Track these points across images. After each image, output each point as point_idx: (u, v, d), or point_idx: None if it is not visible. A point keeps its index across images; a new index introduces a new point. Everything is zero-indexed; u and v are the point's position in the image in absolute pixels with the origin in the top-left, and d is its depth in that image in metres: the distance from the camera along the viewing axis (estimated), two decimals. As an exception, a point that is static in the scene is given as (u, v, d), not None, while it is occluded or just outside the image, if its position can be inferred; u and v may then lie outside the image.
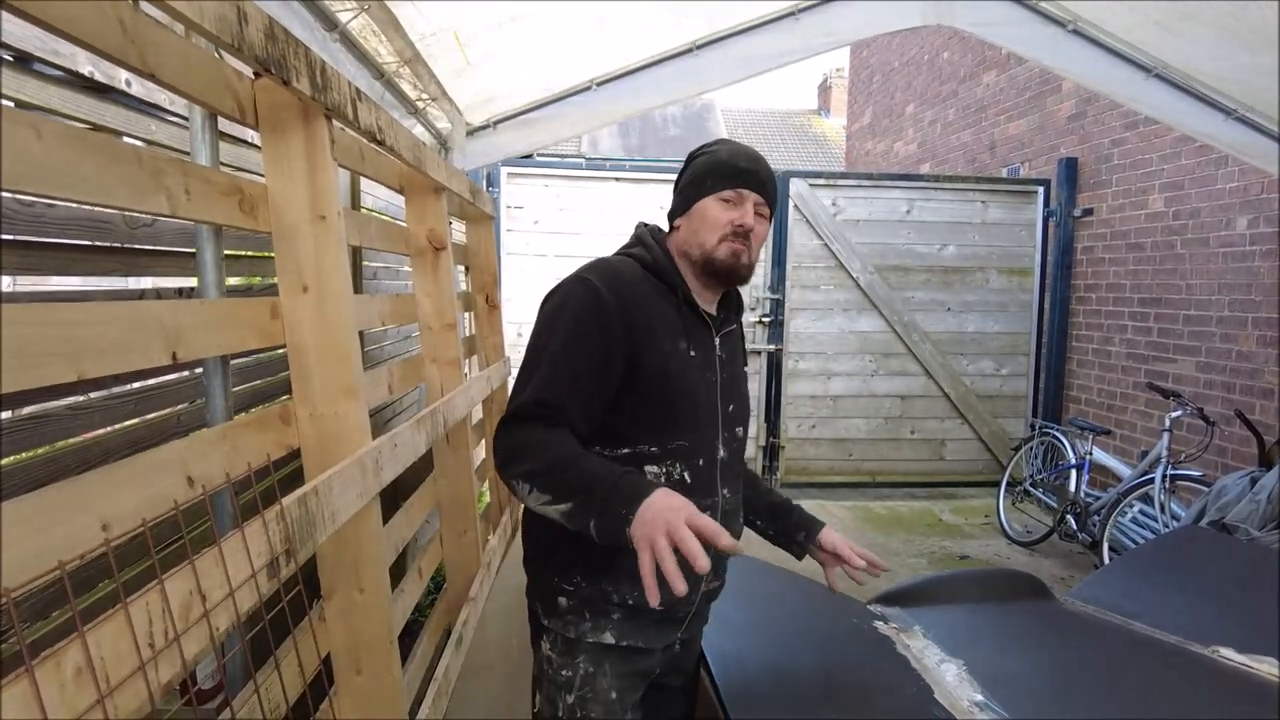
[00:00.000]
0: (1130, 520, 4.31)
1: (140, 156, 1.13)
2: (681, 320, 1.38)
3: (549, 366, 1.28)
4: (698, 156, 1.45)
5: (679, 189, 1.46)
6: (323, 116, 1.55)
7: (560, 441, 1.24)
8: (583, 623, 1.36)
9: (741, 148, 1.43)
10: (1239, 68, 3.16)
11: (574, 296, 1.31)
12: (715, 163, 1.40)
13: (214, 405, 1.48)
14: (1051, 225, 6.00)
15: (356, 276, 2.70)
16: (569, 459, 1.21)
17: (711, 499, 1.40)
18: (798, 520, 1.64)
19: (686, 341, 1.37)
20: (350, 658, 1.66)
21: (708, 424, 1.40)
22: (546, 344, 1.29)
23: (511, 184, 5.58)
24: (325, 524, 1.33)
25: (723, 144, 1.45)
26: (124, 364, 1.05)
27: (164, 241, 1.72)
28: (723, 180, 1.39)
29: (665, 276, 1.39)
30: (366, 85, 2.53)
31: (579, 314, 1.29)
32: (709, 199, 1.39)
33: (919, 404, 6.13)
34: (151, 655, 0.80)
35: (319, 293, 1.56)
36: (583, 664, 1.36)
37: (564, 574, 1.36)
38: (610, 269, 1.36)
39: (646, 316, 1.32)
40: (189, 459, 1.21)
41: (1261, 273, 4.30)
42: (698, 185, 1.41)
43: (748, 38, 3.44)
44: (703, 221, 1.39)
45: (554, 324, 1.30)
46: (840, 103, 17.00)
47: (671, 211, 1.48)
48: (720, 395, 1.43)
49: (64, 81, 1.41)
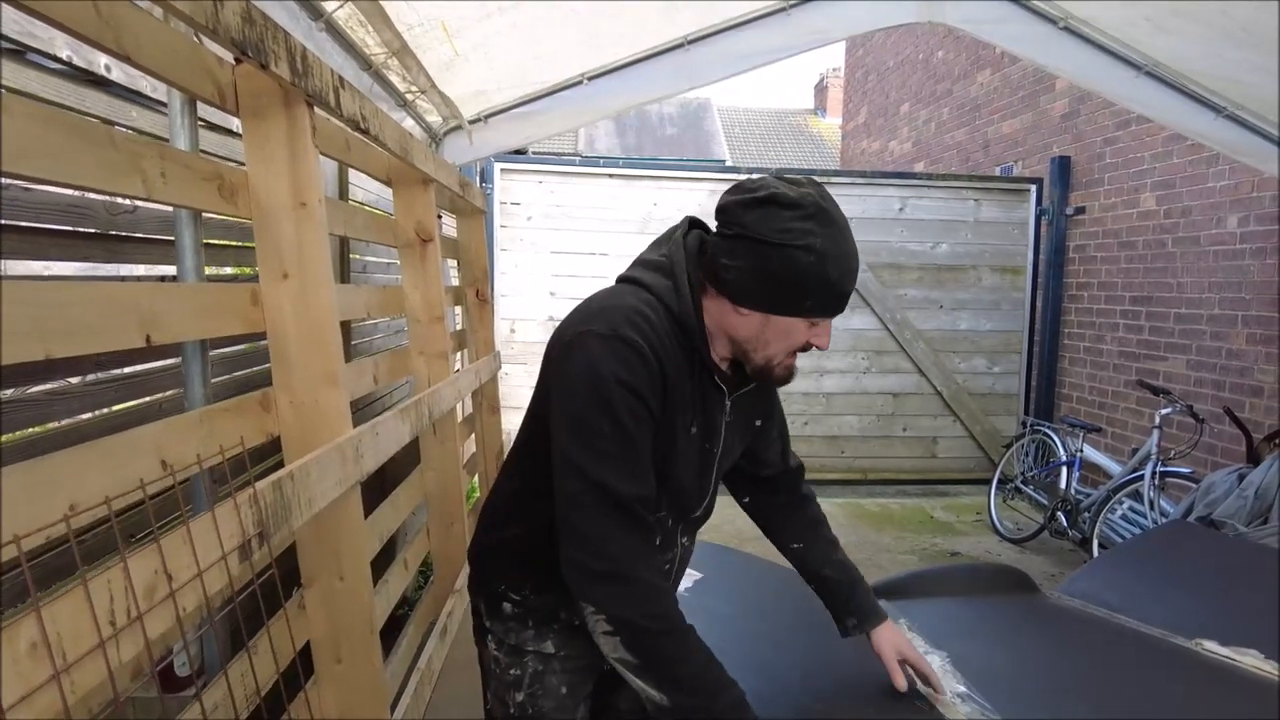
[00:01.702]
0: (1120, 517, 4.32)
1: (114, 138, 1.13)
2: (694, 388, 1.23)
3: (634, 453, 1.14)
4: (797, 249, 1.12)
5: (761, 278, 1.15)
6: (304, 103, 1.55)
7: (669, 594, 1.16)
8: (524, 630, 1.32)
9: (850, 257, 1.17)
10: (1229, 65, 3.17)
11: (627, 364, 1.12)
12: (826, 283, 1.14)
13: (192, 391, 1.48)
14: (1044, 224, 6.01)
15: (344, 268, 2.69)
16: (682, 644, 1.12)
17: (671, 552, 1.35)
18: (855, 605, 1.50)
19: (693, 413, 1.24)
20: (330, 646, 1.65)
21: (692, 494, 1.31)
22: (620, 420, 1.12)
23: (506, 180, 5.58)
24: (302, 509, 1.33)
25: (828, 244, 1.13)
26: (95, 345, 1.04)
27: (146, 229, 1.72)
28: (827, 308, 1.18)
29: (690, 337, 1.21)
30: (354, 76, 2.52)
31: (639, 389, 1.13)
32: (800, 321, 1.18)
33: (911, 402, 6.14)
34: (112, 633, 0.80)
35: (300, 280, 1.56)
36: (530, 663, 1.32)
37: (513, 585, 1.31)
38: (647, 325, 1.16)
39: (673, 386, 1.18)
40: (164, 442, 1.21)
41: (1252, 271, 4.31)
42: (792, 298, 1.16)
43: (739, 33, 3.44)
44: (780, 338, 1.20)
45: (616, 395, 1.12)
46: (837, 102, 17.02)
47: (738, 291, 1.18)
48: (716, 465, 1.33)
49: (41, 67, 1.40)
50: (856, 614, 1.51)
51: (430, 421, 2.28)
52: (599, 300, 1.23)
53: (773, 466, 1.53)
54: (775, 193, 1.14)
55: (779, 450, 1.53)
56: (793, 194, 1.14)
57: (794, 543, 1.55)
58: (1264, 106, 3.46)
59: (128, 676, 1.03)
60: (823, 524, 1.58)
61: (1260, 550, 2.60)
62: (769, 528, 1.58)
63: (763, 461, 1.52)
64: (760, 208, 1.14)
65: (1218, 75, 3.36)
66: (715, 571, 2.07)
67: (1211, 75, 3.39)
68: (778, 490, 1.56)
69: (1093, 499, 4.46)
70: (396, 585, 2.21)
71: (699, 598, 1.87)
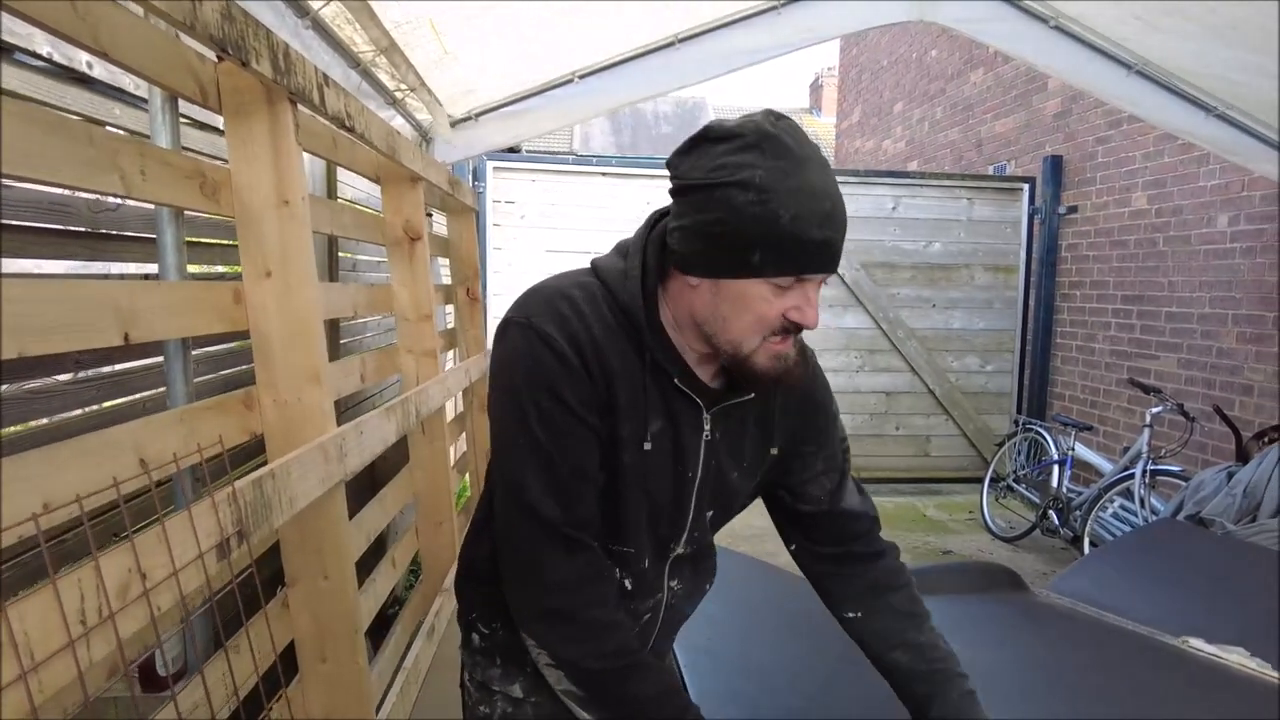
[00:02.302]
0: (1111, 515, 4.33)
1: (91, 134, 1.12)
2: (649, 393, 1.00)
3: (558, 471, 0.96)
4: (731, 186, 0.88)
5: (699, 233, 0.92)
6: (287, 100, 1.54)
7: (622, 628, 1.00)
8: (491, 668, 1.15)
9: (811, 194, 0.89)
10: (1219, 63, 3.18)
11: (537, 359, 0.94)
12: (774, 228, 0.88)
13: (174, 389, 1.47)
14: (1037, 223, 6.02)
15: (332, 266, 2.68)
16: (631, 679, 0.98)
17: (653, 599, 1.13)
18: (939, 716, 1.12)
19: (648, 425, 1.00)
20: (315, 645, 1.65)
21: (667, 525, 1.08)
22: (533, 431, 0.95)
23: (498, 178, 5.57)
24: (283, 508, 1.32)
25: (773, 177, 0.88)
26: (71, 342, 1.04)
27: (130, 227, 1.71)
28: (784, 261, 0.90)
29: (637, 329, 0.99)
30: (342, 75, 2.51)
31: (556, 389, 0.94)
32: (753, 283, 0.92)
33: (904, 400, 6.14)
34: (83, 632, 0.79)
35: (284, 278, 1.55)
36: (499, 704, 1.15)
37: (483, 616, 1.15)
38: (571, 310, 0.97)
39: (611, 387, 0.97)
40: (143, 441, 1.20)
41: (1242, 270, 4.32)
42: (734, 252, 0.90)
43: (729, 32, 3.43)
44: (738, 311, 0.93)
45: (529, 399, 0.95)
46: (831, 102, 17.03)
47: (683, 257, 0.96)
48: (696, 491, 1.07)
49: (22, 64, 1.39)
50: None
51: (418, 420, 2.28)
52: (539, 282, 1.04)
53: (813, 504, 1.18)
54: (708, 126, 0.93)
55: (826, 487, 1.17)
56: (729, 124, 0.92)
57: (848, 612, 1.19)
58: (1253, 105, 3.47)
59: (103, 676, 1.02)
60: (901, 589, 1.18)
61: (1248, 548, 2.61)
62: (820, 589, 1.23)
63: (801, 495, 1.18)
64: (693, 149, 0.93)
65: (1207, 74, 3.36)
66: (703, 570, 2.07)
67: (1201, 74, 3.40)
68: (820, 534, 1.20)
69: (1084, 497, 4.47)
70: (384, 584, 2.20)
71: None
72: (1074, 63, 3.55)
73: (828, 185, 0.91)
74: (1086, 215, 5.61)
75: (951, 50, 7.68)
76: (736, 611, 2.01)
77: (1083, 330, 5.65)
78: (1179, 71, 3.48)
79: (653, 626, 1.16)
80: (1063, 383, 5.88)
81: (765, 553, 3.30)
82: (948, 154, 7.75)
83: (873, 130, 10.05)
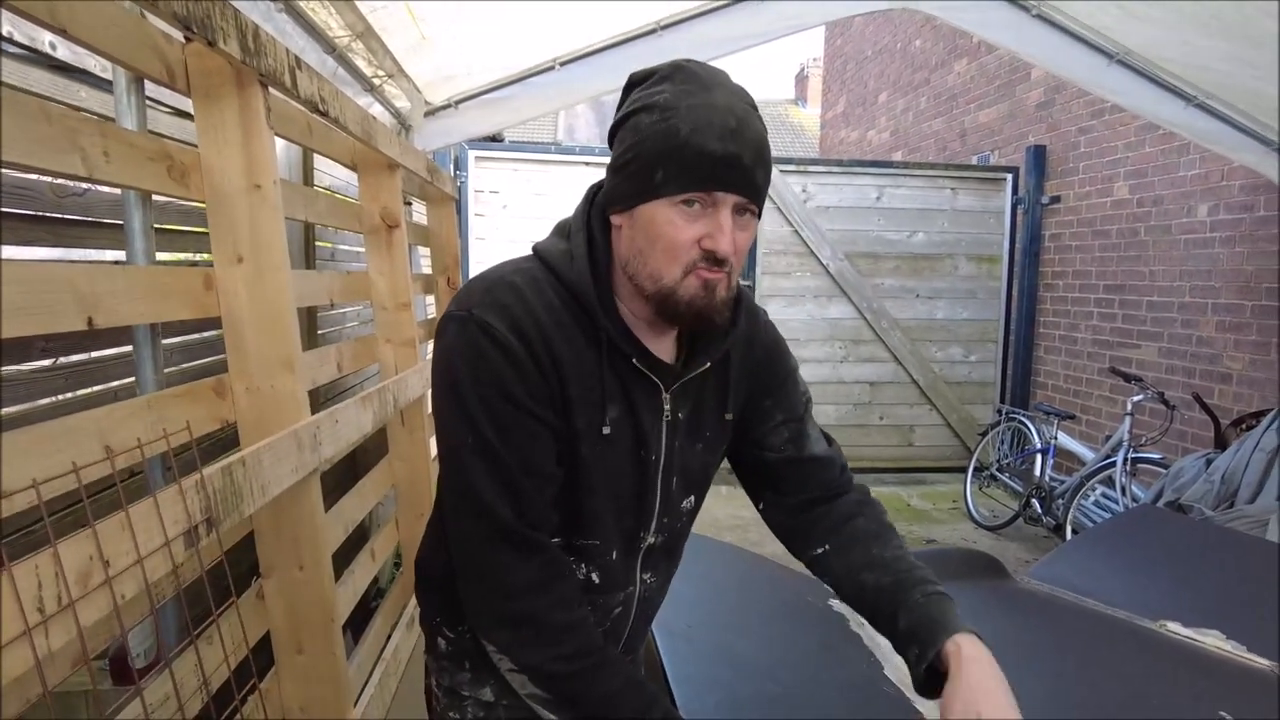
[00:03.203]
0: (1093, 503, 4.36)
1: (48, 112, 1.09)
2: (604, 377, 0.96)
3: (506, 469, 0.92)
4: (639, 112, 0.90)
5: (616, 165, 0.93)
6: (257, 83, 1.51)
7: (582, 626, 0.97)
8: (460, 672, 1.11)
9: (716, 109, 0.87)
10: (1198, 52, 3.19)
11: (479, 353, 0.90)
12: (675, 142, 0.86)
13: (143, 377, 1.44)
14: (1020, 212, 6.04)
15: (309, 254, 2.65)
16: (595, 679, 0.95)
17: (624, 591, 1.09)
18: (907, 625, 1.01)
19: (608, 411, 0.97)
20: (291, 636, 1.63)
21: (631, 514, 1.04)
22: (480, 429, 0.91)
23: (480, 168, 5.53)
24: (254, 497, 1.30)
25: (678, 96, 0.88)
26: (27, 327, 1.01)
27: (96, 212, 1.68)
28: (685, 176, 0.87)
29: (589, 312, 0.95)
30: (317, 60, 2.48)
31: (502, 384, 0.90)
32: (661, 204, 0.89)
33: (888, 390, 6.16)
34: (40, 620, 0.77)
35: (255, 264, 1.52)
36: (470, 709, 1.11)
37: (447, 617, 1.10)
38: (515, 299, 0.93)
39: (563, 378, 0.93)
40: (108, 428, 1.17)
41: (1221, 259, 4.35)
42: (642, 174, 0.89)
43: (712, 19, 3.42)
44: (651, 237, 0.90)
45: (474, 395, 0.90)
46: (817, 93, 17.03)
47: (606, 195, 0.95)
48: (661, 475, 1.04)
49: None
50: (915, 635, 0.99)
51: (397, 410, 2.25)
52: (478, 274, 1.00)
53: (776, 451, 1.15)
54: (632, 75, 0.95)
55: (785, 435, 1.15)
56: (651, 67, 0.93)
57: (816, 549, 1.15)
58: (1232, 94, 3.49)
59: (67, 667, 1.00)
60: (866, 516, 1.15)
61: (1225, 533, 2.63)
62: (788, 539, 1.20)
63: (763, 444, 1.16)
64: (623, 97, 0.95)
65: (1187, 63, 3.38)
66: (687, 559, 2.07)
67: (1181, 63, 3.42)
68: (787, 485, 1.17)
69: (1066, 486, 4.50)
70: (363, 575, 2.18)
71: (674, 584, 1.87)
72: (1055, 52, 3.56)
73: (733, 105, 0.88)
74: (1069, 205, 5.63)
75: (935, 40, 7.69)
76: (719, 599, 2.01)
77: (1065, 320, 5.68)
78: (1159, 61, 3.49)
79: (624, 621, 1.12)
80: (1046, 372, 5.92)
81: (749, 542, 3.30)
82: (932, 144, 7.77)
83: (857, 121, 10.05)
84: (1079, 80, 3.79)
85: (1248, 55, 2.98)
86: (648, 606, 1.15)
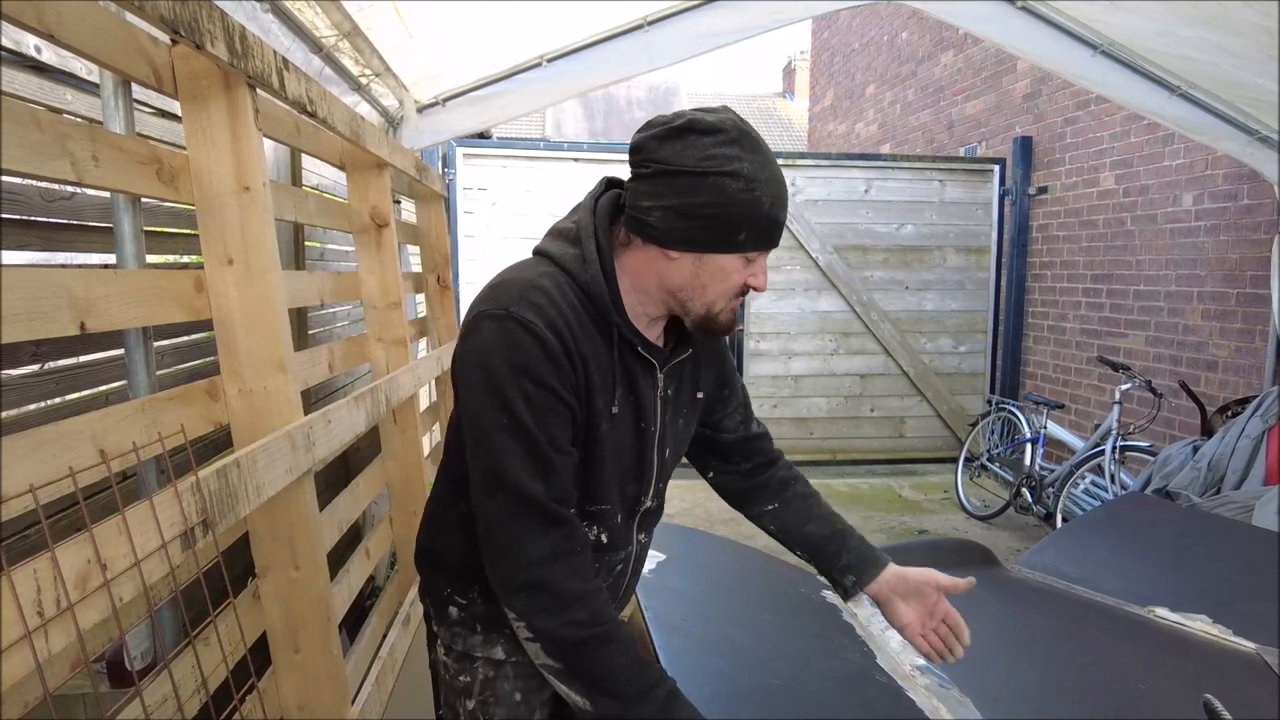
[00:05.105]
0: (1082, 491, 4.40)
1: (39, 118, 1.09)
2: (614, 363, 1.12)
3: (538, 447, 1.03)
4: (724, 176, 1.02)
5: (690, 215, 1.04)
6: (245, 85, 1.51)
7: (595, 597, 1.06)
8: (472, 636, 1.22)
9: (780, 184, 1.07)
10: (1181, 42, 3.21)
11: (518, 347, 1.02)
12: (757, 214, 1.04)
13: (135, 379, 1.44)
14: (1007, 204, 6.07)
15: (298, 254, 2.65)
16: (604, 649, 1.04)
17: (624, 550, 1.25)
18: (848, 558, 1.33)
19: (614, 392, 1.13)
20: (287, 636, 1.63)
21: (632, 480, 1.21)
22: (515, 412, 1.02)
23: (468, 165, 5.51)
24: (249, 498, 1.31)
25: (757, 169, 1.04)
26: (21, 332, 1.01)
27: (86, 216, 1.67)
28: (759, 240, 1.07)
29: (601, 310, 1.10)
30: (304, 60, 2.47)
31: (536, 373, 1.02)
32: (736, 258, 1.08)
33: (879, 382, 6.19)
34: (40, 623, 0.78)
35: (246, 265, 1.53)
36: (480, 669, 1.23)
37: (458, 587, 1.22)
38: (546, 300, 1.05)
39: (587, 369, 1.08)
40: (102, 432, 1.18)
41: (1206, 248, 4.39)
42: (726, 234, 1.05)
43: (700, 13, 3.42)
44: (718, 280, 1.09)
45: (511, 383, 1.02)
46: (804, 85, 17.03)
47: (664, 234, 1.06)
48: (656, 445, 1.21)
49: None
50: (853, 568, 1.32)
51: (389, 409, 2.26)
52: (500, 276, 1.12)
53: (731, 432, 1.39)
54: (693, 119, 1.04)
55: (738, 419, 1.40)
56: (711, 119, 1.04)
57: (767, 505, 1.40)
58: (1213, 84, 3.51)
59: (66, 670, 1.01)
60: (798, 480, 1.42)
61: (1211, 519, 2.66)
62: (740, 500, 1.43)
63: (720, 428, 1.39)
64: (679, 138, 1.03)
65: (1170, 53, 3.40)
66: (682, 553, 2.08)
67: (1165, 53, 3.44)
68: (738, 457, 1.41)
69: (1056, 474, 4.53)
70: (358, 574, 2.19)
71: (663, 578, 1.88)
72: (1040, 44, 3.57)
73: (782, 175, 1.09)
74: (1056, 196, 5.67)
75: (922, 32, 7.71)
76: (712, 591, 2.02)
77: (1054, 310, 5.72)
78: (1143, 51, 3.51)
79: (624, 577, 1.29)
80: (1035, 362, 5.96)
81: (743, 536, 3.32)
82: (919, 136, 7.79)
83: (845, 113, 10.07)
84: (1064, 72, 3.81)
85: (1228, 44, 3.01)
86: (639, 565, 1.33)
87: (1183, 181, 4.54)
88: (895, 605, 1.31)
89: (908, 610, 1.30)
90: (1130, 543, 2.44)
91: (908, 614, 1.30)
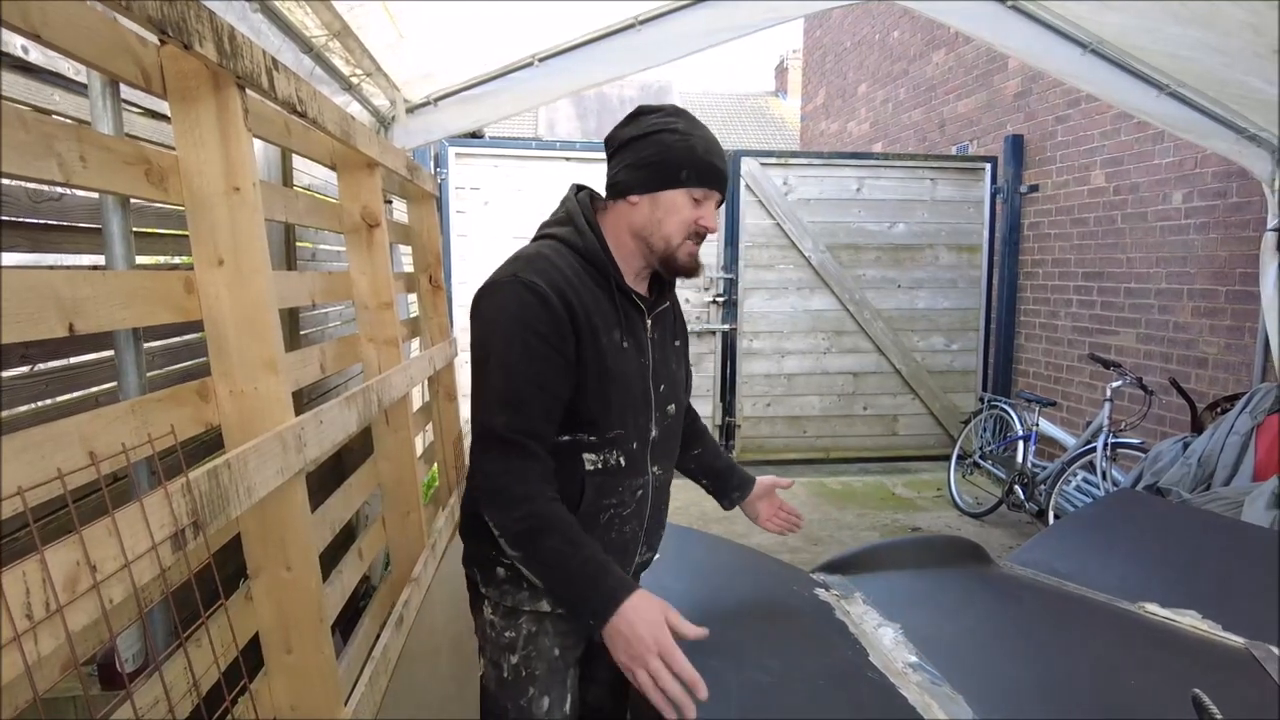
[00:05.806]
0: (1074, 488, 4.42)
1: (24, 119, 1.09)
2: (615, 309, 1.37)
3: (515, 385, 1.27)
4: (664, 132, 1.36)
5: (641, 165, 1.36)
6: (234, 85, 1.50)
7: (538, 497, 1.27)
8: (519, 592, 1.41)
9: (713, 141, 1.39)
10: (1169, 40, 3.22)
11: (523, 304, 1.27)
12: (692, 157, 1.35)
13: (126, 382, 1.44)
14: (999, 202, 6.09)
15: (289, 255, 2.64)
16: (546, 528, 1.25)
17: (642, 478, 1.45)
18: (737, 481, 1.82)
19: (620, 331, 1.37)
20: (280, 637, 1.63)
21: (641, 409, 1.42)
22: (506, 359, 1.27)
23: (460, 164, 5.51)
24: (241, 499, 1.30)
25: (690, 127, 1.38)
26: (9, 335, 1.01)
27: (74, 217, 1.67)
28: (699, 178, 1.36)
29: (599, 266, 1.37)
30: (294, 60, 2.46)
31: (532, 324, 1.27)
32: (680, 193, 1.36)
33: (871, 381, 6.21)
34: (29, 626, 0.77)
35: (236, 266, 1.52)
36: (525, 624, 1.42)
37: (501, 548, 1.35)
38: (548, 265, 1.32)
39: (588, 313, 1.31)
40: (91, 433, 1.17)
41: (1196, 245, 4.41)
42: (668, 172, 1.35)
43: (691, 12, 3.42)
44: (670, 214, 1.36)
45: (509, 334, 1.27)
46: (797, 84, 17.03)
47: (627, 184, 1.38)
48: (652, 378, 1.44)
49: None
50: (740, 487, 1.80)
51: (381, 409, 2.25)
52: (510, 256, 1.38)
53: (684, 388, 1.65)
54: (641, 106, 1.42)
55: (686, 372, 1.68)
56: (655, 104, 1.43)
57: (694, 450, 1.75)
58: (1201, 82, 3.53)
59: (56, 672, 1.00)
60: (698, 420, 1.79)
61: (1201, 516, 2.68)
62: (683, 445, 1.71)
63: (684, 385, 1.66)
64: (632, 120, 1.41)
65: (1159, 51, 3.41)
66: (675, 551, 2.08)
67: (1153, 51, 3.45)
68: None
69: (1048, 472, 4.55)
70: (351, 575, 2.18)
71: (656, 576, 1.88)
72: (1031, 42, 3.58)
73: (718, 142, 1.42)
74: (1047, 194, 5.69)
75: (913, 31, 7.72)
76: (706, 590, 2.03)
77: (1045, 308, 5.74)
78: (1132, 50, 3.53)
79: (645, 503, 1.48)
80: (1027, 360, 5.98)
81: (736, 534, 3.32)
82: (911, 135, 7.81)
83: (837, 112, 10.09)
84: (1054, 70, 3.82)
85: (1216, 42, 3.02)
86: (659, 498, 1.52)
87: (1172, 179, 4.56)
88: (756, 506, 1.82)
89: (764, 507, 1.83)
90: (1121, 539, 2.45)
91: (764, 510, 1.83)
